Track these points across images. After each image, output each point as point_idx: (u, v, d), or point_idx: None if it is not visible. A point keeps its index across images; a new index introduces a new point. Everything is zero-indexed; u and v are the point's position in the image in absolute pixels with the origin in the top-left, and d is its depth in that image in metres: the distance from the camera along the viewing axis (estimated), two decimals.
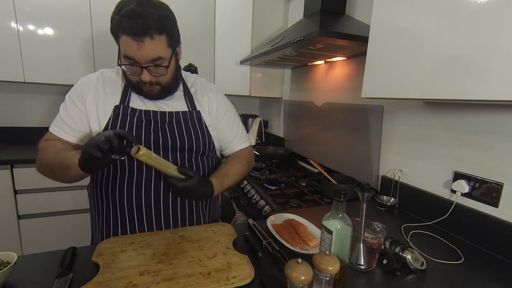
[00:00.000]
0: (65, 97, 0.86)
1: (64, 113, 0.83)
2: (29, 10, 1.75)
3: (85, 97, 0.82)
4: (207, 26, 2.14)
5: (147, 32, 0.69)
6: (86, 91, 0.82)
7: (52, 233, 1.81)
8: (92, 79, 0.84)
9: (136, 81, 0.78)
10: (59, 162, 0.74)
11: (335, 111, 1.59)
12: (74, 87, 0.85)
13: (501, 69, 0.56)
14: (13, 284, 0.61)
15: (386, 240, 0.76)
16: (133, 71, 0.75)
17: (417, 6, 0.75)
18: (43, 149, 0.80)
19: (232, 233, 0.84)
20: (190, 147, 0.85)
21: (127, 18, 0.69)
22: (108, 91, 0.83)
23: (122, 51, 0.73)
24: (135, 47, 0.70)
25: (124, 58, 0.73)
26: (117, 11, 0.72)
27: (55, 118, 0.85)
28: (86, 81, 0.84)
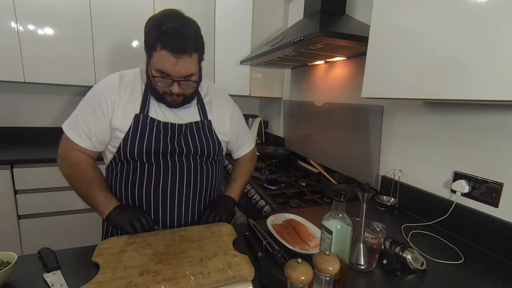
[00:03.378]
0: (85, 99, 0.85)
1: (84, 121, 0.82)
2: (29, 10, 1.75)
3: (108, 105, 0.82)
4: (207, 26, 2.14)
5: (186, 51, 0.74)
6: (110, 97, 0.82)
7: (52, 233, 1.81)
8: (115, 85, 0.84)
9: (163, 92, 0.82)
10: (88, 201, 0.84)
11: (335, 111, 1.59)
12: (98, 91, 0.83)
13: (501, 69, 0.56)
14: (13, 284, 0.61)
15: (386, 240, 0.76)
16: (163, 83, 0.79)
17: (417, 6, 0.75)
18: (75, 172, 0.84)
19: (232, 233, 0.84)
20: (201, 153, 0.91)
21: (169, 35, 0.72)
22: (129, 98, 0.84)
23: (157, 65, 0.76)
24: (173, 63, 0.74)
25: (158, 71, 0.76)
26: (155, 26, 0.74)
27: (72, 121, 0.84)
28: (109, 87, 0.83)
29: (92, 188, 0.84)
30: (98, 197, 0.83)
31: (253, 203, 1.28)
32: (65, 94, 2.20)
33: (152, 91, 0.84)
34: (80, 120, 0.83)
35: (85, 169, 0.85)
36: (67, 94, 2.20)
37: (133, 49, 2.02)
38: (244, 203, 1.45)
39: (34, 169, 1.71)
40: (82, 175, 0.84)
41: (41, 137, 2.18)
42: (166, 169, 0.86)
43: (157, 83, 0.79)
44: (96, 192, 0.84)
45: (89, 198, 0.83)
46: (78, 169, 0.84)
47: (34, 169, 1.71)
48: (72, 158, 0.84)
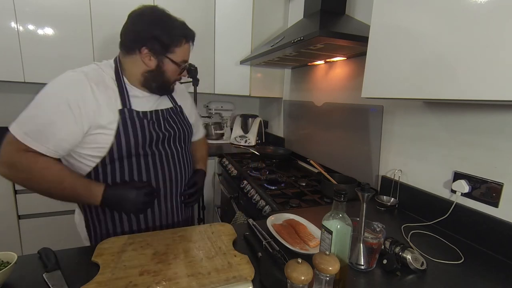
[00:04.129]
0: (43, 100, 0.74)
1: (46, 123, 0.72)
2: (29, 10, 1.75)
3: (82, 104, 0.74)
4: (207, 26, 2.13)
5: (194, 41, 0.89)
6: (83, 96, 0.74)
7: (52, 233, 1.81)
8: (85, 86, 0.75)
9: (173, 80, 0.90)
10: (70, 195, 0.77)
11: (335, 111, 1.59)
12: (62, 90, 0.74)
13: (501, 69, 0.56)
14: (13, 284, 0.62)
15: (386, 240, 0.76)
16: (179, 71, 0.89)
17: (417, 6, 0.75)
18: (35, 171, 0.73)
19: (232, 233, 0.84)
20: (183, 137, 0.97)
21: (187, 29, 0.85)
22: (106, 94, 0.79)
23: (183, 56, 0.86)
24: (190, 50, 0.89)
25: (183, 62, 0.87)
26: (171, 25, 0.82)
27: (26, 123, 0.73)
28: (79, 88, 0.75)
29: (66, 182, 0.74)
30: (78, 187, 0.75)
31: (253, 203, 1.28)
32: None
33: (157, 85, 0.87)
34: (39, 122, 0.72)
35: (46, 164, 0.73)
36: None
37: None
38: (244, 203, 1.45)
39: None
40: (47, 172, 0.73)
41: None
42: (160, 157, 0.88)
43: (175, 72, 0.88)
44: (73, 183, 0.75)
45: (68, 193, 0.75)
46: (37, 166, 0.72)
47: None
48: (23, 160, 0.71)
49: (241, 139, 2.42)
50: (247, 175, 1.57)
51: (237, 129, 2.51)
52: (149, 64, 0.83)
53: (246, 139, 2.40)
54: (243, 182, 1.49)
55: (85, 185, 0.77)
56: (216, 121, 2.59)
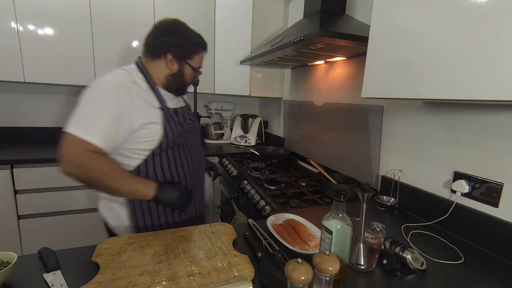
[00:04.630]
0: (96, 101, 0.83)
1: (103, 121, 0.81)
2: (29, 10, 1.75)
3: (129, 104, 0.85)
4: (207, 26, 2.13)
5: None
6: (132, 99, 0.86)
7: (52, 233, 1.81)
8: (126, 85, 0.86)
9: (190, 83, 1.05)
10: (127, 191, 0.85)
11: (335, 111, 1.59)
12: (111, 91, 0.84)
13: (501, 69, 0.56)
14: (13, 284, 0.62)
15: (386, 240, 0.76)
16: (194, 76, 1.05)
17: (417, 6, 0.75)
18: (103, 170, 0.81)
19: (232, 233, 0.84)
20: (198, 129, 1.14)
21: (204, 40, 1.03)
22: (145, 94, 0.91)
23: (199, 63, 1.04)
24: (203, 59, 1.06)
25: (198, 68, 1.04)
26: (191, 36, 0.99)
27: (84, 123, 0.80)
28: (124, 89, 0.86)
29: (126, 179, 0.85)
30: (136, 184, 0.86)
31: (253, 203, 1.28)
32: (65, 94, 2.20)
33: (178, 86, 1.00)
34: (96, 120, 0.80)
35: (111, 164, 0.84)
36: (67, 94, 2.20)
37: (133, 49, 2.02)
38: (244, 203, 1.45)
39: (34, 169, 1.71)
40: (112, 171, 0.83)
41: (41, 137, 2.18)
42: (189, 146, 1.03)
43: (193, 76, 1.03)
44: (131, 180, 0.86)
45: (127, 188, 0.84)
46: (105, 166, 0.81)
47: (34, 169, 1.71)
48: (93, 160, 0.79)
49: (241, 139, 2.42)
50: (247, 175, 1.57)
51: (237, 129, 2.51)
52: (172, 68, 0.97)
53: (246, 139, 2.40)
54: (243, 182, 1.49)
55: (142, 181, 0.88)
56: (216, 121, 2.59)
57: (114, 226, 0.99)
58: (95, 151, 0.80)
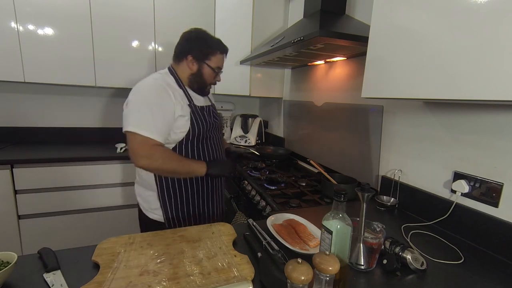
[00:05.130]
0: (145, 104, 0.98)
1: (157, 120, 0.98)
2: (29, 10, 1.75)
3: (170, 102, 1.01)
4: (207, 26, 2.12)
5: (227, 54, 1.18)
6: (170, 98, 1.02)
7: (52, 233, 1.81)
8: (164, 87, 1.03)
9: (210, 82, 1.16)
10: (186, 171, 1.04)
11: (335, 111, 1.59)
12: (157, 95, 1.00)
13: (501, 69, 0.56)
14: (13, 284, 0.62)
15: (386, 240, 0.76)
16: (214, 76, 1.15)
17: (417, 6, 0.75)
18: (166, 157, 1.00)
19: (232, 233, 0.84)
20: (220, 128, 1.26)
21: (222, 44, 1.15)
22: (178, 94, 1.06)
23: (218, 63, 1.14)
24: (224, 60, 1.18)
25: (217, 68, 1.14)
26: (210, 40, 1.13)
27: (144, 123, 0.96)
28: (163, 90, 1.02)
29: (183, 161, 1.04)
30: (192, 164, 1.05)
31: (253, 203, 1.28)
32: (65, 94, 2.20)
33: (198, 85, 1.13)
34: (151, 119, 0.97)
35: (171, 152, 1.03)
36: (67, 94, 2.20)
37: (133, 49, 2.02)
38: (244, 203, 1.45)
39: (34, 169, 1.71)
40: (173, 156, 1.02)
41: (41, 137, 2.18)
42: (213, 139, 1.16)
43: (213, 75, 1.14)
44: (187, 161, 1.05)
45: (186, 169, 1.03)
46: (166, 154, 1.00)
47: (34, 169, 1.71)
48: (157, 151, 0.98)
49: (241, 139, 2.42)
50: (247, 175, 1.58)
51: (237, 129, 2.51)
52: (192, 68, 1.10)
53: (246, 139, 2.40)
54: (243, 182, 1.49)
55: (195, 161, 1.07)
56: None
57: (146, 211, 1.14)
58: (157, 144, 0.98)
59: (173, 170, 1.01)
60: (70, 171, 1.79)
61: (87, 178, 1.84)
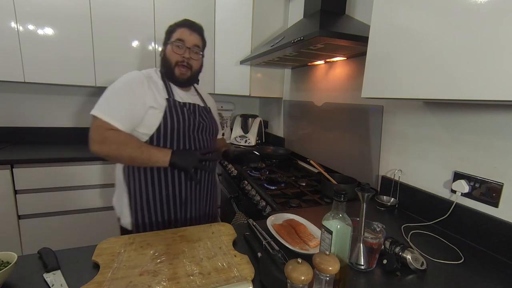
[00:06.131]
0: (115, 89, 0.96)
1: (120, 105, 0.94)
2: (29, 10, 1.75)
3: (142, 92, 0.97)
4: (207, 26, 2.13)
5: (197, 31, 1.08)
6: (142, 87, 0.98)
7: (52, 233, 1.81)
8: (141, 77, 1.00)
9: (175, 61, 1.04)
10: (146, 157, 0.93)
11: (335, 111, 1.59)
12: (129, 82, 0.98)
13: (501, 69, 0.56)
14: (13, 284, 0.62)
15: (386, 240, 0.76)
16: (179, 51, 1.04)
17: (417, 6, 0.75)
18: (121, 141, 0.93)
19: (232, 233, 0.84)
20: (213, 131, 1.15)
21: (187, 21, 1.07)
22: (156, 87, 1.02)
23: (177, 36, 1.04)
24: (188, 34, 1.05)
25: (177, 40, 1.04)
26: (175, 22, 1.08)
27: (105, 107, 0.93)
28: (137, 79, 1.00)
29: (142, 147, 0.95)
30: (152, 150, 0.95)
31: (253, 203, 1.28)
32: (65, 94, 2.20)
33: (166, 69, 1.05)
34: (116, 105, 0.94)
35: (127, 136, 0.95)
36: (67, 94, 2.20)
37: (133, 49, 2.02)
38: (244, 203, 1.45)
39: (34, 169, 1.71)
40: (128, 141, 0.94)
41: (41, 137, 2.18)
42: (195, 141, 1.06)
43: (174, 50, 1.03)
44: (148, 147, 0.96)
45: (146, 155, 0.93)
46: (121, 138, 0.93)
47: (34, 169, 1.71)
48: (111, 135, 0.92)
49: (241, 139, 2.42)
50: (247, 175, 1.58)
51: (237, 129, 2.51)
52: (161, 55, 1.09)
53: (246, 139, 2.40)
54: (243, 182, 1.49)
55: (158, 148, 0.98)
56: None
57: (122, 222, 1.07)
58: (113, 129, 0.92)
59: (130, 156, 0.92)
60: (70, 171, 1.79)
61: (87, 178, 1.84)
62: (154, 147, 0.97)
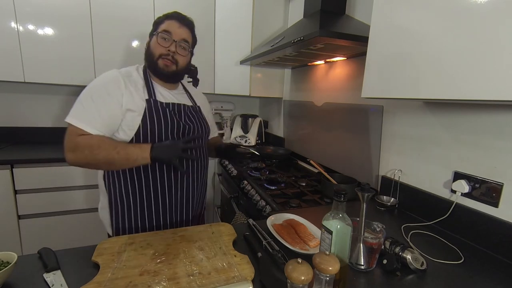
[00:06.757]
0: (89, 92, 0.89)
1: (94, 109, 0.86)
2: (29, 10, 1.75)
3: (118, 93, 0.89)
4: (207, 26, 2.13)
5: (187, 25, 1.00)
6: (119, 88, 0.90)
7: (52, 233, 1.81)
8: (117, 77, 0.91)
9: (159, 54, 0.95)
10: (123, 157, 0.85)
11: (335, 111, 1.59)
12: (103, 83, 0.90)
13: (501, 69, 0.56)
14: (13, 284, 0.62)
15: (386, 240, 0.76)
16: (165, 43, 0.96)
17: (417, 6, 0.75)
18: (93, 145, 0.85)
19: (232, 233, 0.84)
20: (203, 132, 1.07)
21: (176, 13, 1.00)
22: (135, 87, 0.93)
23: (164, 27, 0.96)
24: (177, 26, 0.97)
25: (164, 32, 0.95)
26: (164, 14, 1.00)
27: (78, 112, 0.87)
28: (113, 79, 0.91)
29: (118, 147, 0.86)
30: (130, 148, 0.87)
31: (253, 203, 1.28)
32: (65, 94, 2.20)
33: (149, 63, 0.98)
34: (89, 109, 0.86)
35: (100, 138, 0.87)
36: (67, 94, 2.20)
37: (133, 49, 2.02)
38: (244, 203, 1.45)
39: (34, 169, 1.71)
40: (101, 143, 0.85)
41: (41, 137, 2.18)
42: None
43: (159, 42, 0.95)
44: (124, 146, 0.87)
45: (123, 155, 0.85)
46: (93, 141, 0.85)
47: (34, 169, 1.71)
48: (82, 140, 0.85)
49: (241, 139, 2.42)
50: (247, 175, 1.58)
51: (237, 129, 2.51)
52: (146, 47, 1.00)
53: (246, 139, 2.40)
54: (243, 182, 1.49)
55: (134, 145, 0.89)
56: (216, 121, 2.58)
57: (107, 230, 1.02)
58: (84, 134, 0.86)
59: (106, 159, 0.84)
60: (70, 171, 1.79)
61: (87, 178, 1.84)
62: (131, 145, 0.88)
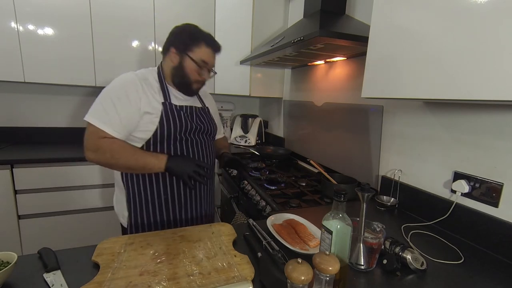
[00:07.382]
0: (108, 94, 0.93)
1: (114, 111, 0.91)
2: (29, 10, 1.75)
3: (136, 97, 0.94)
4: (207, 26, 2.13)
5: (218, 51, 1.09)
6: (137, 91, 0.95)
7: (52, 233, 1.81)
8: (135, 81, 0.97)
9: (194, 80, 1.04)
10: (141, 165, 0.93)
11: (335, 111, 1.59)
12: (122, 86, 0.95)
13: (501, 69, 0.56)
14: (13, 284, 0.62)
15: (386, 240, 0.76)
16: (200, 71, 1.03)
17: (417, 6, 0.75)
18: (114, 150, 0.91)
19: (232, 233, 0.84)
20: (210, 131, 1.14)
21: (211, 39, 1.05)
22: (151, 90, 0.99)
23: (202, 56, 1.02)
24: (213, 56, 1.06)
25: (201, 61, 1.02)
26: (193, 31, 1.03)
27: (99, 113, 0.92)
28: (132, 83, 0.96)
29: (137, 154, 0.93)
30: (148, 157, 0.94)
31: (253, 203, 1.28)
32: (65, 94, 2.20)
33: (180, 80, 1.03)
34: (109, 111, 0.91)
35: (121, 143, 0.93)
36: (67, 94, 2.20)
37: (133, 49, 2.02)
38: (244, 203, 1.45)
39: (34, 169, 1.71)
40: (122, 149, 0.92)
41: (41, 137, 2.18)
42: (192, 143, 1.05)
43: (197, 71, 1.02)
44: (142, 154, 0.94)
45: (141, 163, 0.92)
46: (115, 146, 0.91)
47: (34, 169, 1.71)
48: (104, 143, 0.91)
49: (241, 139, 2.42)
50: (247, 175, 1.57)
51: (237, 129, 2.52)
52: (174, 61, 1.02)
53: (246, 139, 2.40)
54: (243, 182, 1.49)
55: (152, 154, 0.96)
56: None
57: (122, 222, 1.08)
58: (108, 137, 0.91)
59: (125, 165, 0.92)
60: (70, 171, 1.79)
61: (87, 178, 1.84)
62: (149, 154, 0.95)
